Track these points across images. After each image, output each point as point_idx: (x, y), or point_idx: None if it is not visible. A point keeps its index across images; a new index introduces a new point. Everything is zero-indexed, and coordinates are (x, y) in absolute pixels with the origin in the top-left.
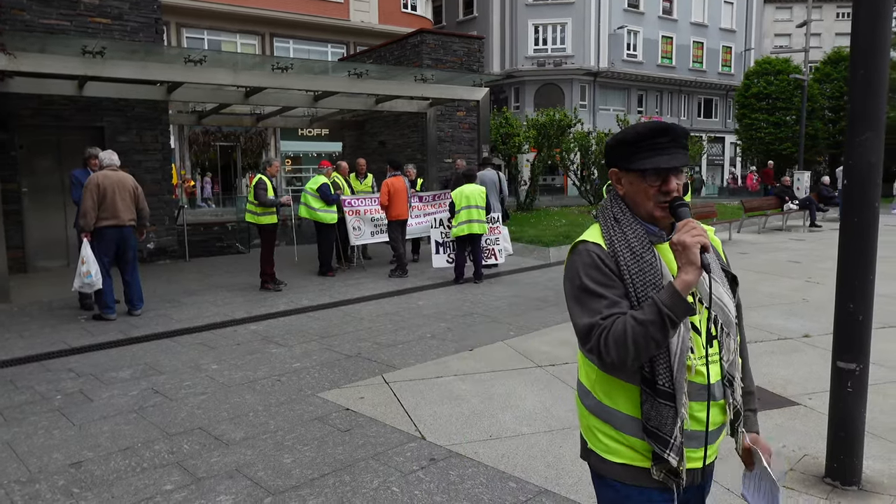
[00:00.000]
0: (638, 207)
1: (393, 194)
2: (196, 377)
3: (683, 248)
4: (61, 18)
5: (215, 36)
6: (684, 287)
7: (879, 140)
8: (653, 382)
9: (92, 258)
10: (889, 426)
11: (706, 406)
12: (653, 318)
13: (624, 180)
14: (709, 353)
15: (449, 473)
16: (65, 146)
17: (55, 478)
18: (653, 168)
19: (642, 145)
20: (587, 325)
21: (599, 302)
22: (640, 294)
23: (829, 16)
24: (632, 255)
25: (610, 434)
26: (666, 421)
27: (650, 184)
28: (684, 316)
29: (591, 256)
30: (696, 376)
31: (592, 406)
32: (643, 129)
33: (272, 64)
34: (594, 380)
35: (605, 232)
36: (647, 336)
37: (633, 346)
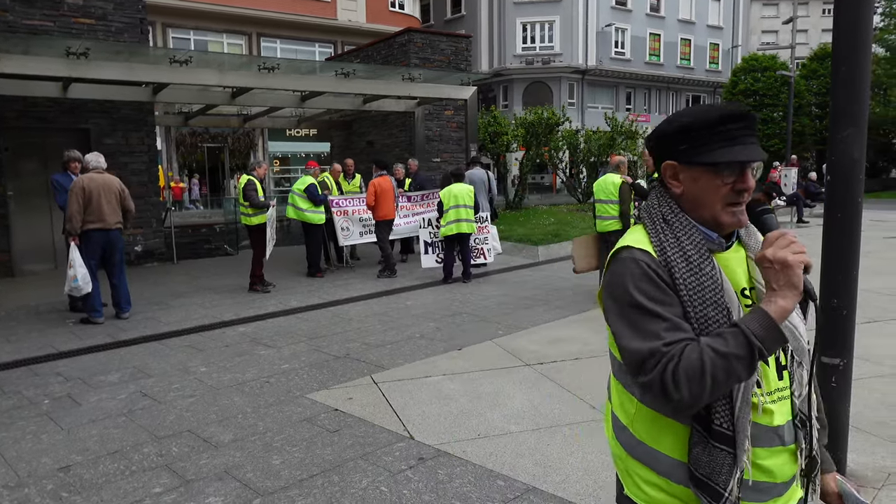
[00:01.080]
0: (700, 209)
1: (380, 194)
2: (184, 380)
3: (783, 266)
4: (44, 19)
5: (201, 36)
6: (781, 315)
7: (862, 136)
8: (708, 421)
9: (79, 262)
10: (873, 420)
11: (779, 453)
12: (739, 352)
13: (683, 176)
14: (778, 387)
15: (437, 472)
16: (50, 148)
17: (44, 482)
18: (729, 162)
19: (714, 133)
20: (645, 353)
21: (658, 324)
22: (700, 314)
23: (816, 12)
24: (688, 266)
25: (651, 481)
26: (721, 469)
27: (724, 181)
28: (776, 349)
29: (641, 266)
30: (763, 416)
31: (631, 445)
32: (716, 113)
33: (259, 64)
34: (633, 414)
35: (655, 236)
36: (730, 372)
37: (710, 384)
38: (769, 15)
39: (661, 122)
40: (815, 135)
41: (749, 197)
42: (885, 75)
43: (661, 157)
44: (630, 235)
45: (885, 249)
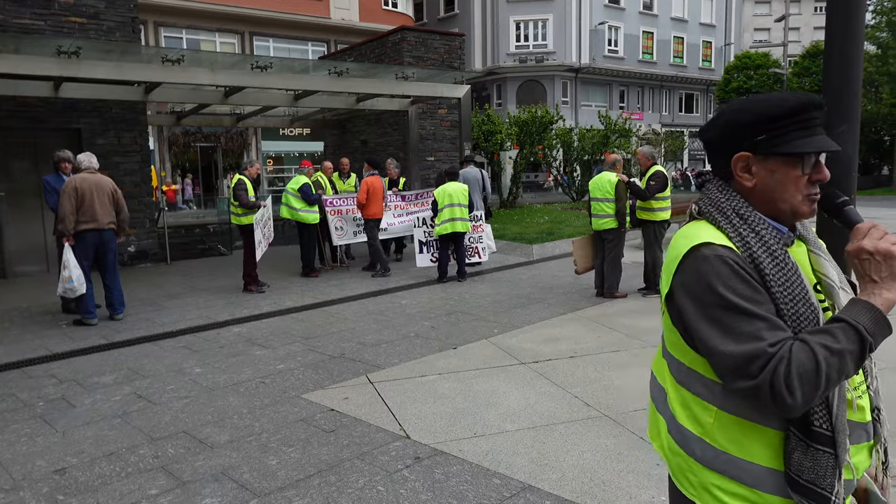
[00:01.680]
0: (777, 202)
1: (371, 193)
2: (180, 381)
3: (886, 258)
4: (35, 18)
5: (194, 35)
6: (888, 307)
7: (854, 132)
8: (807, 424)
9: (73, 263)
10: None
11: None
12: (852, 347)
13: (758, 168)
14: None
15: (434, 471)
16: (41, 149)
17: (39, 485)
18: (809, 152)
19: (794, 122)
20: (747, 355)
21: (756, 324)
22: (791, 311)
23: (808, 10)
24: (774, 261)
25: (737, 493)
26: (825, 472)
27: (804, 172)
28: (881, 342)
29: (729, 264)
30: (858, 412)
31: (709, 458)
32: (794, 102)
33: (252, 63)
34: (711, 424)
35: (734, 231)
36: (842, 370)
37: (824, 384)
38: (761, 13)
39: (727, 113)
40: None
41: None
42: (877, 73)
43: (730, 149)
44: (701, 231)
45: None
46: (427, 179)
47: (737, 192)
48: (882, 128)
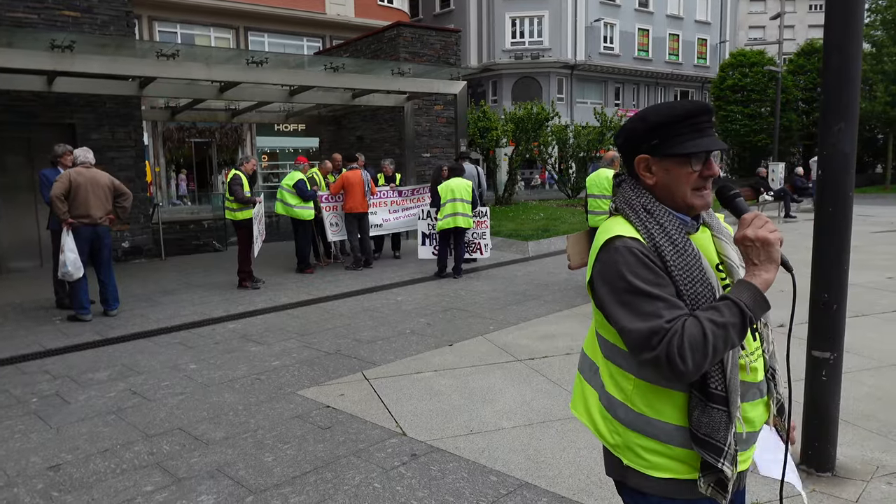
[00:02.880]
0: (673, 197)
1: (346, 187)
2: (174, 377)
3: (764, 244)
4: (28, 11)
5: (188, 30)
6: (765, 286)
7: (853, 130)
8: (704, 386)
9: (70, 247)
10: (862, 413)
11: (758, 405)
12: (734, 320)
13: (656, 168)
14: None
15: (430, 468)
16: (35, 144)
17: (34, 481)
18: (697, 152)
19: (681, 127)
20: (648, 331)
21: (656, 304)
22: (690, 291)
23: (803, 8)
24: (675, 248)
25: (653, 448)
26: (720, 427)
27: (693, 169)
28: (761, 316)
29: (634, 253)
30: (751, 374)
31: (630, 420)
32: (682, 110)
33: (247, 58)
34: (631, 390)
35: (640, 224)
36: (727, 340)
37: (711, 352)
38: (757, 10)
39: (628, 121)
40: (801, 130)
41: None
42: (872, 71)
43: (633, 152)
44: (615, 226)
45: (872, 244)
46: (423, 176)
47: (645, 189)
48: (876, 126)
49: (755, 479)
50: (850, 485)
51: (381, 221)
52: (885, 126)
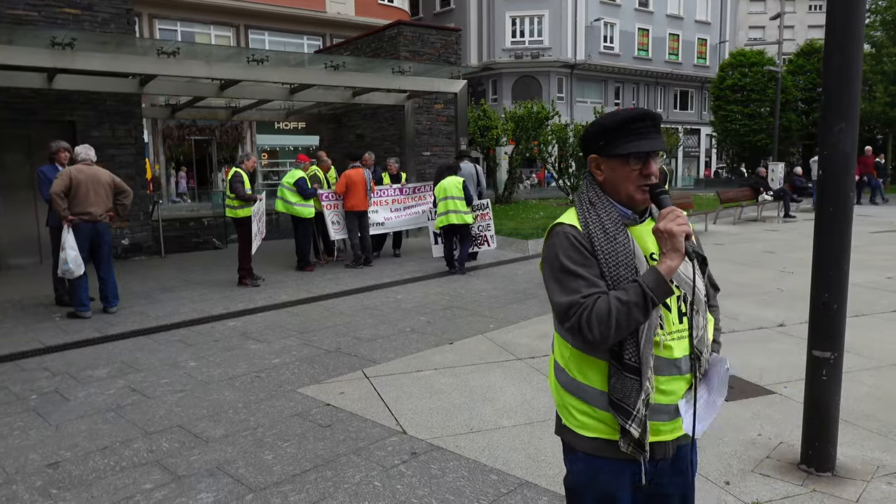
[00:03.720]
0: (618, 192)
1: (349, 185)
2: (174, 374)
3: (670, 235)
4: (29, 9)
5: (188, 28)
6: (668, 272)
7: (853, 130)
8: (620, 356)
9: (71, 244)
10: (863, 413)
11: (677, 380)
12: (636, 300)
13: (604, 166)
14: (678, 329)
15: (430, 467)
16: (35, 141)
17: (32, 479)
18: (636, 152)
19: (623, 131)
20: (567, 304)
21: (578, 282)
22: (613, 273)
23: (802, 8)
24: (605, 235)
25: (583, 409)
26: (630, 393)
27: (632, 168)
28: (665, 298)
29: (569, 238)
30: (665, 351)
31: (566, 382)
32: (625, 116)
33: (248, 56)
34: (568, 357)
35: (581, 214)
36: (630, 316)
37: (614, 325)
38: (756, 11)
39: (587, 126)
40: (801, 130)
41: (655, 180)
42: (871, 71)
43: (587, 152)
44: (565, 215)
45: (871, 244)
46: (423, 174)
47: (597, 184)
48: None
49: (756, 479)
50: (850, 485)
51: (383, 220)
52: (884, 127)
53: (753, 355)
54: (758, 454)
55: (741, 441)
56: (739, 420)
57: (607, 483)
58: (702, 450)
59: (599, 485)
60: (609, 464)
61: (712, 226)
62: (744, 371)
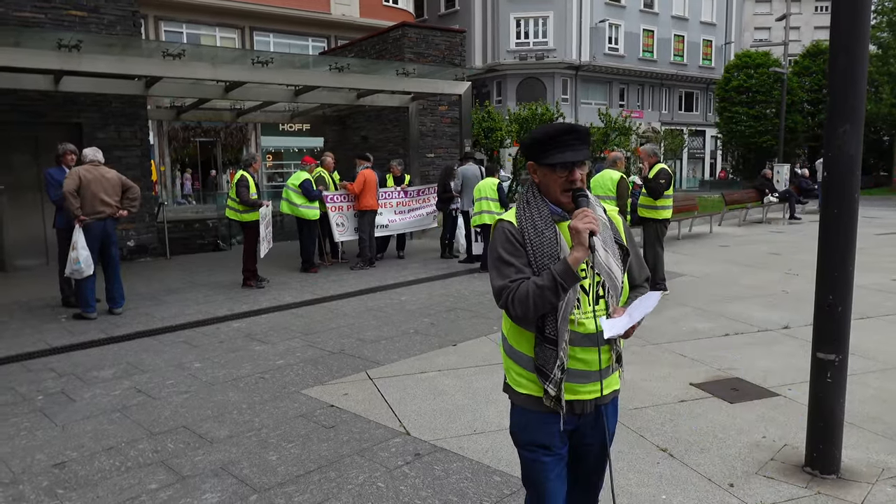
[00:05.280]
0: (549, 194)
1: (367, 185)
2: (179, 375)
3: (576, 232)
4: (35, 11)
5: (194, 29)
6: (574, 262)
7: (858, 132)
8: (542, 330)
9: (83, 244)
10: (867, 416)
11: (592, 351)
12: (548, 284)
13: (539, 172)
14: (595, 309)
15: (434, 468)
16: (42, 143)
17: (39, 479)
18: (561, 162)
19: (552, 143)
20: (499, 287)
21: (509, 269)
22: (539, 262)
23: (808, 9)
24: (535, 231)
25: (518, 371)
26: (548, 360)
27: (559, 175)
28: (573, 284)
29: (505, 233)
30: (579, 327)
31: (507, 349)
32: (552, 130)
33: (252, 58)
34: (508, 329)
35: (518, 212)
36: (544, 297)
37: (532, 305)
38: (762, 12)
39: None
40: (806, 131)
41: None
42: (877, 73)
43: (527, 159)
44: (507, 213)
45: (876, 246)
46: (427, 176)
47: (535, 186)
48: (882, 128)
49: (760, 482)
50: (855, 487)
51: (388, 222)
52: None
53: (758, 357)
54: (762, 456)
55: (745, 443)
56: (744, 422)
57: (536, 430)
58: (705, 452)
59: (531, 431)
60: (537, 415)
61: (717, 227)
62: (748, 373)
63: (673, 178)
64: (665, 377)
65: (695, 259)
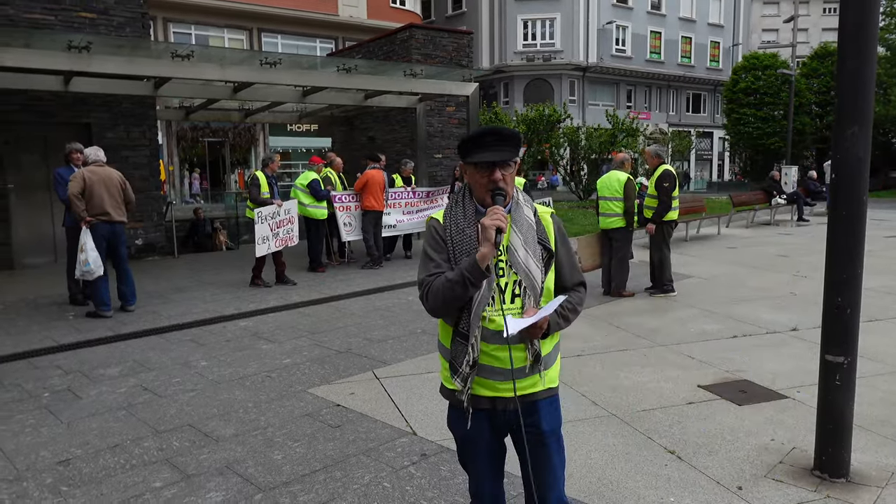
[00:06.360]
0: (476, 192)
1: (368, 185)
2: (185, 374)
3: (483, 228)
4: (46, 13)
5: (202, 31)
6: (481, 258)
7: (867, 134)
8: (457, 325)
9: (91, 246)
10: (877, 419)
11: (504, 349)
12: (457, 279)
13: (467, 172)
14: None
15: (440, 469)
16: (51, 142)
17: (43, 476)
18: (481, 161)
19: (475, 143)
20: (420, 280)
21: (430, 264)
22: (457, 258)
23: (816, 11)
24: (456, 228)
25: (444, 364)
26: (459, 354)
27: (481, 174)
28: (481, 279)
29: (431, 230)
30: (490, 324)
31: (438, 343)
32: (476, 132)
33: (261, 59)
34: (438, 324)
35: (446, 211)
36: (453, 291)
37: (442, 298)
38: (770, 13)
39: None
40: (815, 133)
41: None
42: (886, 74)
43: (460, 159)
44: (439, 212)
45: (885, 248)
46: (434, 177)
47: (468, 187)
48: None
49: (768, 485)
50: (864, 491)
51: (395, 222)
52: None
53: (766, 360)
54: (771, 459)
55: (754, 446)
56: (752, 424)
57: (461, 423)
58: (714, 454)
59: (457, 424)
60: (457, 410)
61: (725, 229)
62: (756, 375)
63: (678, 180)
64: (673, 379)
65: (702, 261)
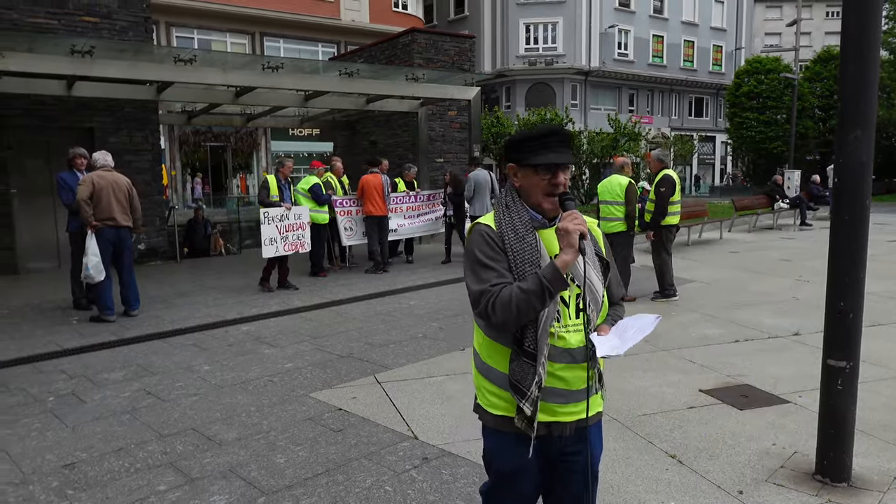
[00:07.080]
0: (530, 198)
1: (365, 191)
2: (188, 378)
3: (566, 233)
4: (49, 17)
5: (205, 35)
6: (563, 265)
7: (870, 138)
8: (521, 343)
9: (94, 250)
10: (879, 423)
11: (571, 368)
12: (535, 289)
13: (520, 174)
14: (574, 323)
15: (442, 472)
16: (55, 147)
17: (49, 479)
18: (544, 164)
19: (536, 144)
20: (478, 292)
21: (489, 273)
22: (519, 268)
23: (819, 15)
24: (515, 235)
25: (491, 389)
26: (526, 376)
27: (542, 177)
28: (561, 289)
29: (483, 236)
30: (559, 341)
31: (479, 366)
32: (537, 131)
33: (263, 63)
34: (481, 344)
35: (497, 216)
36: (529, 303)
37: (515, 310)
38: (773, 17)
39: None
40: (818, 137)
41: (563, 189)
42: (889, 78)
43: (508, 160)
44: (485, 217)
45: (888, 253)
46: (436, 181)
47: (514, 190)
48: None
49: (769, 489)
50: (866, 496)
51: (396, 227)
52: None
53: (768, 364)
54: (772, 464)
55: (755, 450)
56: (753, 429)
57: (511, 454)
58: (715, 458)
59: (506, 456)
60: (511, 437)
61: (727, 233)
62: (758, 380)
63: (678, 184)
64: (674, 383)
65: (704, 265)
